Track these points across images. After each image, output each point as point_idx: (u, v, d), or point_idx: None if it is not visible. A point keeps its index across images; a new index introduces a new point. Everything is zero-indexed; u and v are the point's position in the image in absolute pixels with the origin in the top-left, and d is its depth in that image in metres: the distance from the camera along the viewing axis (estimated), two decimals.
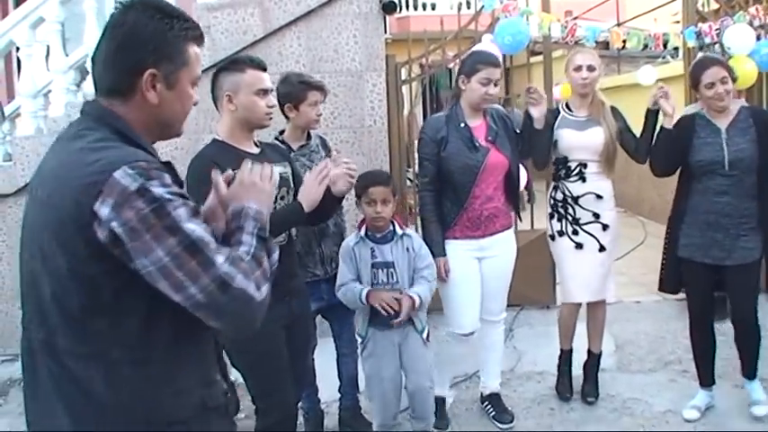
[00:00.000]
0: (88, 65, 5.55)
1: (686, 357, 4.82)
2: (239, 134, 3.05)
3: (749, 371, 4.16)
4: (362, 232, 3.61)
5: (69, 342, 1.62)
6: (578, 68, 4.20)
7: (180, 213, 1.53)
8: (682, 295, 5.93)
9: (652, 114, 4.16)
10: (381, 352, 3.61)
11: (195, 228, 1.54)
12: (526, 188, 5.70)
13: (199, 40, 1.81)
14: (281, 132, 3.91)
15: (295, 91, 3.79)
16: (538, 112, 4.00)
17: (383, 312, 3.47)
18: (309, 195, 2.93)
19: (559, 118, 4.29)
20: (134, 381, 1.61)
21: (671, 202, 4.23)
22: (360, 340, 3.66)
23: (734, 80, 4.00)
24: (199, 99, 1.89)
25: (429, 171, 3.91)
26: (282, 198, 3.10)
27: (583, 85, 4.21)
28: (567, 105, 4.35)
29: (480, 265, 3.97)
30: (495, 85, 3.87)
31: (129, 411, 1.62)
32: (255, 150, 3.09)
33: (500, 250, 4.03)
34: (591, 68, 4.19)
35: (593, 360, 4.53)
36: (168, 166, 1.64)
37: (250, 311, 1.59)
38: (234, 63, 3.10)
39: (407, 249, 3.61)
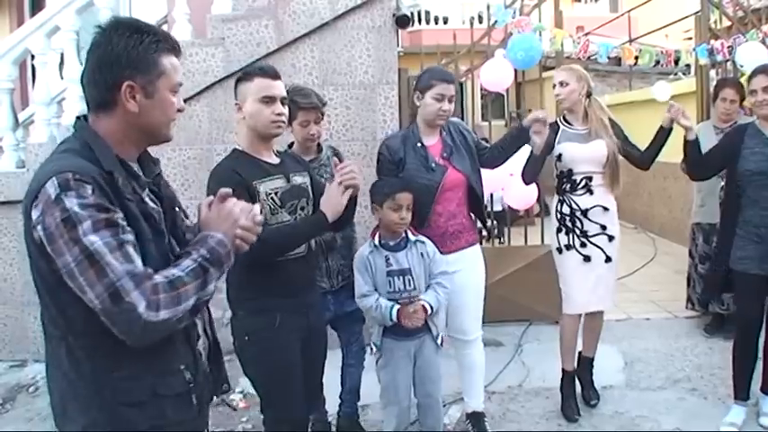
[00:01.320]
0: None
1: (695, 375, 4.81)
2: (256, 144, 3.06)
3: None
4: (376, 241, 3.59)
5: (48, 325, 1.90)
6: (554, 86, 4.36)
7: (85, 226, 1.69)
8: (691, 312, 5.98)
9: (664, 132, 4.25)
10: (397, 362, 3.58)
11: (96, 240, 1.68)
12: (537, 202, 5.70)
13: (173, 51, 1.97)
14: (290, 145, 3.92)
15: (290, 108, 3.80)
16: (540, 141, 3.94)
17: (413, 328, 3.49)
18: (333, 206, 2.97)
19: (560, 132, 4.32)
20: (87, 364, 1.83)
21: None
22: (374, 350, 3.61)
23: None
24: (183, 117, 1.98)
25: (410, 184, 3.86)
26: (303, 209, 3.09)
27: (559, 101, 4.36)
28: (564, 119, 4.40)
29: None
30: (450, 101, 3.82)
31: (89, 389, 1.84)
32: (275, 160, 3.10)
33: (466, 265, 3.95)
34: (563, 84, 4.29)
35: (587, 363, 4.60)
36: (109, 176, 1.81)
37: (137, 328, 1.70)
38: (246, 73, 3.12)
39: (422, 255, 3.60)
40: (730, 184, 4.18)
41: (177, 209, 2.15)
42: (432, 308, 3.52)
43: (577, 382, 4.58)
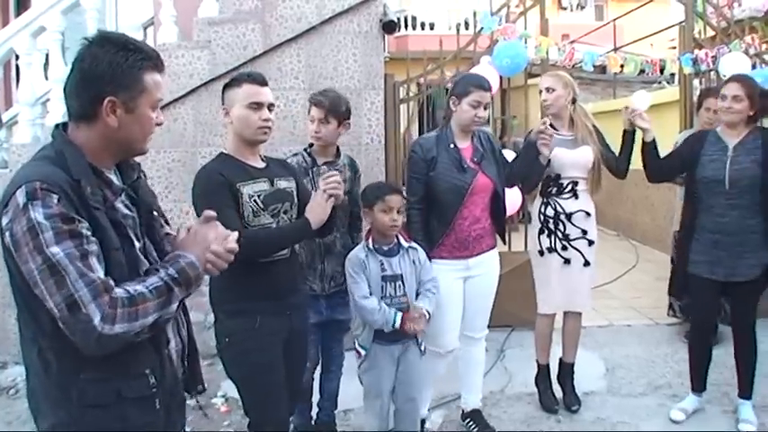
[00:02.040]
0: None
1: (676, 382, 4.84)
2: (243, 148, 3.10)
3: (745, 389, 4.29)
4: (370, 244, 3.60)
5: (22, 327, 1.95)
6: (540, 92, 4.44)
7: (47, 237, 1.73)
8: (672, 319, 6.03)
9: (629, 135, 4.35)
10: (382, 365, 3.59)
11: (58, 251, 1.73)
12: (520, 210, 5.72)
13: (156, 68, 2.00)
14: (311, 145, 3.96)
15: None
16: (547, 150, 4.07)
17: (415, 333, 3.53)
18: (318, 213, 3.05)
19: None
20: (55, 365, 1.87)
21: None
22: (362, 353, 3.61)
23: (754, 105, 4.07)
24: (168, 119, 2.03)
25: (417, 190, 3.91)
26: (286, 212, 3.13)
27: (545, 107, 4.43)
28: (551, 125, 4.38)
29: (465, 284, 4.00)
30: (485, 108, 3.92)
31: (58, 390, 1.89)
32: (261, 165, 3.14)
33: (485, 269, 4.07)
34: (549, 90, 4.37)
35: (567, 369, 4.64)
36: (77, 184, 1.83)
37: (92, 339, 1.74)
38: (234, 79, 3.15)
39: (414, 262, 3.63)
40: (688, 190, 4.29)
41: (155, 213, 2.17)
42: (429, 315, 3.55)
43: (558, 388, 4.61)
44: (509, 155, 4.50)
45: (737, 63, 5.81)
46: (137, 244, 2.00)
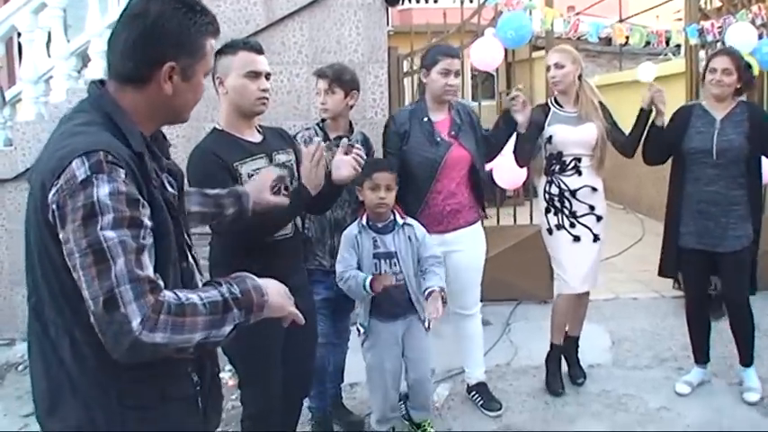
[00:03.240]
0: (90, 51, 5.60)
1: (682, 354, 4.84)
2: (237, 121, 2.98)
3: (745, 357, 4.32)
4: (364, 221, 3.57)
5: (48, 310, 1.70)
6: (548, 68, 4.37)
7: (106, 220, 1.52)
8: (678, 292, 6.02)
9: (645, 114, 4.29)
10: (384, 343, 3.58)
11: (113, 237, 1.51)
12: (524, 184, 5.70)
13: (217, 33, 1.84)
14: (323, 120, 3.92)
15: None
16: (522, 118, 4.00)
17: (386, 286, 3.38)
18: (310, 179, 2.83)
19: (551, 114, 4.35)
20: (93, 361, 1.66)
21: None
22: (361, 331, 3.61)
23: (741, 78, 4.09)
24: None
25: (392, 164, 3.81)
26: (287, 189, 2.96)
27: (554, 84, 4.34)
28: (555, 101, 4.41)
29: (446, 259, 3.90)
30: (456, 75, 3.88)
31: (94, 388, 1.69)
32: (257, 138, 3.02)
33: (466, 245, 4.04)
34: (558, 66, 4.28)
35: (572, 343, 4.65)
36: (139, 158, 1.66)
37: (125, 343, 1.51)
38: (228, 46, 2.96)
39: (410, 238, 3.58)
40: (675, 162, 4.29)
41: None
42: (443, 289, 3.47)
43: (564, 360, 4.62)
44: None
45: (744, 34, 5.75)
46: (182, 226, 1.85)
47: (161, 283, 1.58)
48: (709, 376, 4.48)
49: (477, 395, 4.28)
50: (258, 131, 3.07)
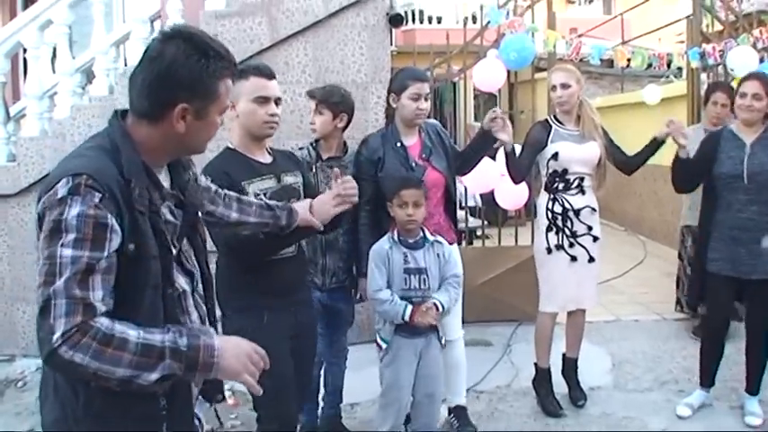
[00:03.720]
0: (95, 68, 5.64)
1: (683, 377, 4.83)
2: (248, 143, 3.05)
3: (753, 386, 4.29)
4: (395, 236, 3.57)
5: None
6: (554, 88, 4.35)
7: (69, 237, 1.62)
8: (680, 315, 6.01)
9: (656, 144, 4.31)
10: (403, 360, 3.55)
11: (68, 255, 1.61)
12: (526, 204, 5.71)
13: (232, 74, 1.91)
14: (317, 140, 3.94)
15: None
16: (506, 136, 3.98)
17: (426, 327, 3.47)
18: (322, 213, 2.75)
19: (552, 131, 4.35)
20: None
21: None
22: (383, 347, 3.57)
23: None
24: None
25: (366, 191, 3.73)
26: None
27: (560, 104, 4.35)
28: (556, 118, 4.42)
29: None
30: (426, 99, 3.86)
31: (67, 388, 1.77)
32: (267, 159, 3.09)
33: None
34: (564, 86, 4.29)
35: (571, 364, 4.62)
36: (127, 184, 1.73)
37: (44, 351, 1.59)
38: (241, 71, 2.96)
39: (438, 256, 3.59)
40: (707, 188, 4.27)
41: (201, 214, 2.09)
42: (443, 307, 3.49)
43: (563, 382, 4.59)
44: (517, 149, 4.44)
45: (745, 57, 5.79)
46: (173, 251, 1.90)
47: (101, 307, 1.62)
48: (711, 399, 4.45)
49: (453, 418, 4.20)
50: (268, 153, 3.13)
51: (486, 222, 6.80)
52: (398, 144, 3.87)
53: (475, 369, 4.86)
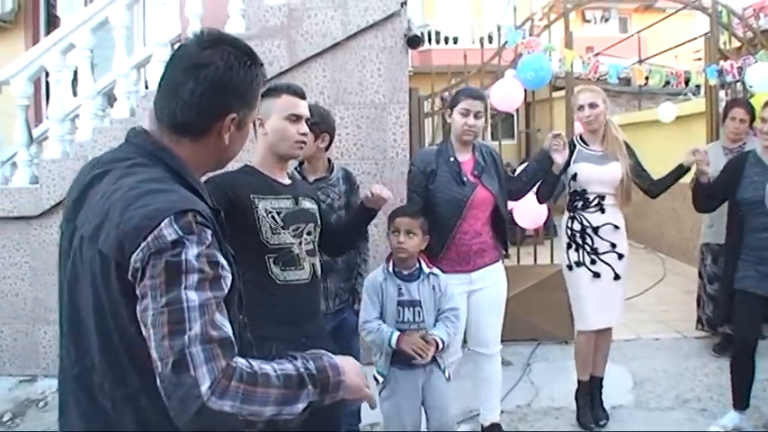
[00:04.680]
0: (116, 91, 5.71)
1: (705, 396, 4.79)
2: (271, 163, 2.95)
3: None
4: (390, 268, 3.55)
5: (105, 381, 1.56)
6: (581, 108, 4.36)
7: (191, 279, 1.44)
8: (701, 333, 5.97)
9: (682, 170, 4.35)
10: (403, 393, 3.49)
11: (195, 299, 1.43)
12: (545, 223, 5.71)
13: (266, 81, 1.84)
14: (301, 164, 3.90)
15: None
16: (561, 159, 4.08)
17: (415, 356, 3.37)
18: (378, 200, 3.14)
19: (576, 152, 4.38)
20: (163, 427, 1.52)
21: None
22: (380, 380, 3.52)
23: None
24: None
25: (416, 203, 3.90)
26: (309, 233, 2.95)
27: (588, 123, 4.37)
28: (581, 138, 4.45)
29: (469, 298, 3.96)
30: (476, 116, 3.91)
31: None
32: (287, 182, 2.99)
33: (489, 283, 4.04)
34: (593, 106, 4.31)
35: (596, 383, 4.59)
36: (215, 215, 1.61)
37: (191, 410, 1.38)
38: (271, 89, 2.95)
39: (433, 288, 3.56)
40: (732, 211, 4.28)
41: None
42: (443, 342, 3.44)
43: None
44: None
45: (764, 74, 5.77)
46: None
47: (236, 348, 1.47)
48: (745, 422, 4.33)
49: None
50: (288, 176, 3.05)
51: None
52: (452, 159, 3.93)
53: None
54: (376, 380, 3.54)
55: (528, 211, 5.25)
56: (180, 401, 1.38)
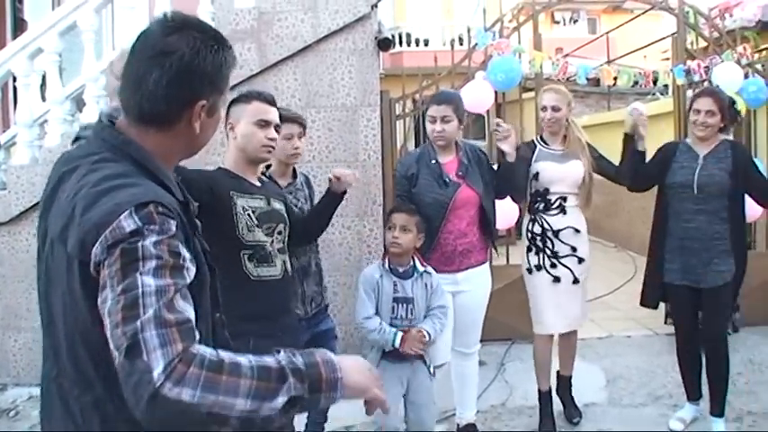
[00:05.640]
0: (85, 95, 5.65)
1: (677, 392, 4.84)
2: (243, 165, 3.07)
3: (717, 406, 4.22)
4: (386, 264, 3.62)
5: (74, 386, 1.52)
6: (544, 108, 4.35)
7: (148, 265, 1.36)
8: (670, 329, 6.03)
9: (630, 138, 4.32)
10: (389, 386, 3.48)
11: (151, 284, 1.35)
12: (517, 223, 5.74)
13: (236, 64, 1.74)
14: (268, 167, 3.88)
15: None
16: (508, 146, 3.97)
17: (412, 354, 3.50)
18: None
19: (537, 151, 4.37)
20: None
21: None
22: None
23: (725, 117, 4.16)
24: None
25: (411, 208, 3.90)
26: (280, 233, 3.09)
27: (549, 125, 4.36)
28: (542, 138, 4.46)
29: (455, 299, 3.98)
30: (443, 121, 3.90)
31: None
32: (258, 183, 3.12)
33: (475, 284, 4.06)
34: (555, 109, 4.30)
35: (566, 382, 4.62)
36: (184, 207, 1.58)
37: (144, 397, 1.27)
38: (243, 95, 3.12)
39: (426, 286, 3.64)
40: (659, 198, 4.34)
41: None
42: (430, 336, 3.53)
43: (558, 400, 4.60)
44: None
45: (730, 73, 5.87)
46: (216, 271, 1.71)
47: (198, 334, 1.37)
48: (701, 412, 4.45)
49: None
50: (259, 179, 3.16)
51: None
52: (434, 162, 3.95)
53: None
54: None
55: (499, 211, 5.26)
56: (133, 389, 1.29)
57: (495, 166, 4.16)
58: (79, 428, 1.51)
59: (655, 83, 6.72)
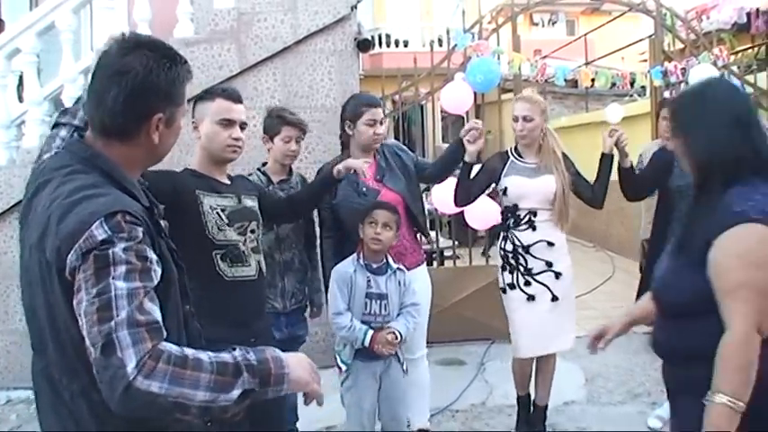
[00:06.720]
0: (63, 96, 5.62)
1: (655, 390, 4.89)
2: (210, 165, 3.02)
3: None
4: (360, 260, 3.59)
5: (62, 376, 1.66)
6: (516, 119, 4.12)
7: (118, 271, 1.51)
8: (649, 328, 6.07)
9: (607, 159, 4.14)
10: (363, 383, 3.56)
11: (123, 287, 1.50)
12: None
13: (192, 77, 1.89)
14: (264, 164, 3.93)
15: (271, 124, 3.82)
16: (474, 148, 3.91)
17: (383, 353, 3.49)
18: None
19: (508, 164, 4.16)
20: (115, 420, 1.58)
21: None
22: (343, 369, 3.57)
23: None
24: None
25: (326, 219, 3.88)
26: (253, 231, 3.05)
27: (521, 137, 4.12)
28: (516, 150, 4.21)
29: None
30: (381, 123, 3.91)
31: None
32: (227, 182, 3.07)
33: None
34: (527, 119, 4.06)
35: (540, 413, 4.34)
36: (149, 212, 1.71)
37: (119, 390, 1.44)
38: (207, 92, 3.08)
39: (399, 283, 3.63)
40: (661, 203, 4.32)
41: None
42: (401, 335, 3.52)
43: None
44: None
45: (706, 75, 5.93)
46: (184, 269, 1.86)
47: (164, 332, 1.53)
48: None
49: None
50: (228, 177, 3.12)
51: (456, 242, 6.85)
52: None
53: (449, 388, 4.91)
54: (339, 368, 3.61)
55: (479, 212, 5.29)
56: (108, 383, 1.46)
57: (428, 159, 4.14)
58: (72, 412, 1.66)
59: (632, 84, 6.79)
